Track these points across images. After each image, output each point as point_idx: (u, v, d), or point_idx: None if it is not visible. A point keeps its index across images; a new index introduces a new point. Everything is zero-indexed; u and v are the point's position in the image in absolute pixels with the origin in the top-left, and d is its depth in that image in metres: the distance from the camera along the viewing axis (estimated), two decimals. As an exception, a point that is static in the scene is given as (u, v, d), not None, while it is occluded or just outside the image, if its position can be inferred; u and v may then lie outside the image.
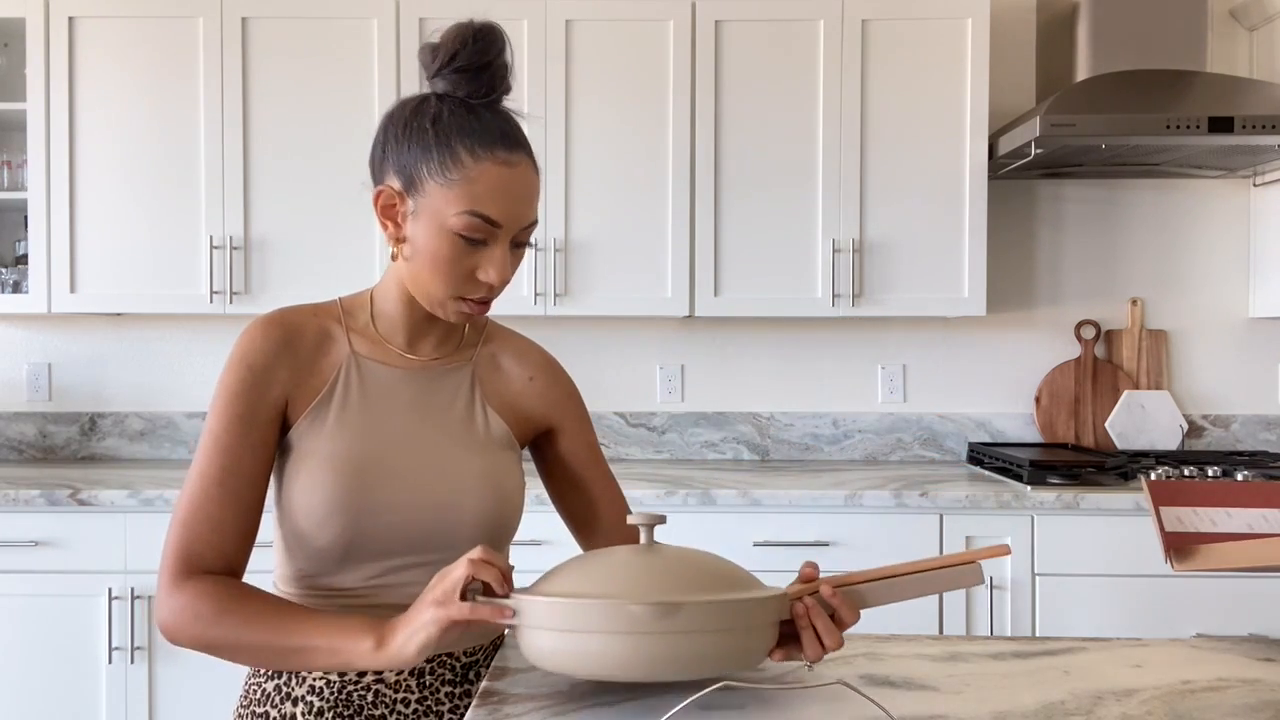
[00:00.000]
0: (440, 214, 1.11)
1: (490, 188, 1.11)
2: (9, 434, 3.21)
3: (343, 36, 2.84)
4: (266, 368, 1.17)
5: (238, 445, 1.14)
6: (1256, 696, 1.07)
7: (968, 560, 1.07)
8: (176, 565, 1.12)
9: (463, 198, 1.10)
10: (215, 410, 1.16)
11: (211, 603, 1.10)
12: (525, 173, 1.14)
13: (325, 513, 1.15)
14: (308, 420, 1.18)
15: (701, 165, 2.86)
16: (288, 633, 1.08)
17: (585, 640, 0.93)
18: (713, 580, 0.99)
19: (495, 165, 1.11)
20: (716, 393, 3.23)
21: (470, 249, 1.12)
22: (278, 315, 1.21)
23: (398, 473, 1.17)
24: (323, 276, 2.85)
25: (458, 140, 1.11)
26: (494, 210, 1.11)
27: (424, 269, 1.14)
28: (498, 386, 1.28)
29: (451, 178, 1.11)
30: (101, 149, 2.86)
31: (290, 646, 1.08)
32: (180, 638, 1.11)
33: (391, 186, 1.15)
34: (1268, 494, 1.15)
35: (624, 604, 0.92)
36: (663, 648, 0.92)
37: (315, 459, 1.16)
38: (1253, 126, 2.60)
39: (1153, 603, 2.55)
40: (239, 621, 1.09)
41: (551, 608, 0.95)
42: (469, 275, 1.14)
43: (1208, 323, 3.21)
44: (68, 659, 2.59)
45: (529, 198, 1.14)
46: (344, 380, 1.20)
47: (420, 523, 1.17)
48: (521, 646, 1.01)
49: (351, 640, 1.06)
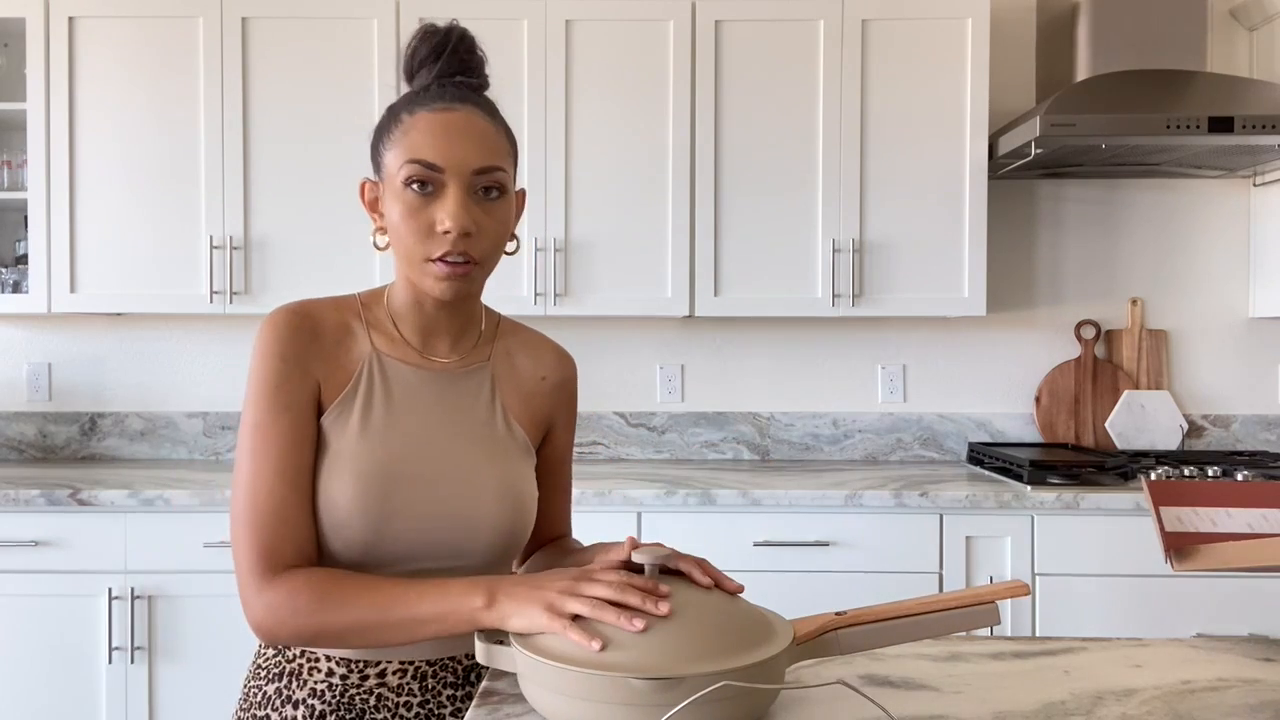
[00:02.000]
0: (393, 178, 1.14)
1: (424, 133, 1.13)
2: (9, 434, 3.21)
3: (343, 36, 2.84)
4: (299, 357, 1.16)
5: (288, 437, 1.13)
6: (1256, 696, 1.07)
7: (985, 600, 1.04)
8: (260, 565, 1.11)
9: (403, 150, 1.13)
10: (256, 405, 1.14)
11: (309, 593, 1.09)
12: (466, 116, 1.14)
13: (345, 515, 1.14)
14: (334, 414, 1.17)
15: (701, 165, 2.86)
16: (393, 608, 1.08)
17: (587, 706, 0.93)
18: (718, 631, 0.97)
19: (430, 114, 1.14)
20: (716, 393, 3.23)
21: (424, 201, 1.13)
22: (299, 306, 1.20)
23: (419, 480, 1.16)
24: (323, 276, 2.85)
25: (402, 108, 1.16)
26: (430, 154, 1.12)
27: (396, 239, 1.16)
28: (515, 387, 1.28)
29: (394, 138, 1.14)
30: (101, 149, 2.86)
31: (398, 620, 1.08)
32: (281, 633, 1.11)
33: (370, 179, 1.21)
34: (1268, 494, 1.15)
35: (626, 678, 0.91)
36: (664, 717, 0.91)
37: (339, 459, 1.15)
38: (1253, 126, 2.60)
39: (1153, 603, 2.55)
40: (341, 606, 1.08)
41: (553, 672, 0.94)
42: (429, 230, 1.13)
43: (1208, 323, 3.21)
44: (68, 659, 2.59)
45: (470, 138, 1.14)
46: (367, 377, 1.19)
47: (438, 530, 1.17)
48: (524, 691, 1.00)
49: (461, 600, 1.05)
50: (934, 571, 2.59)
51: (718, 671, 0.91)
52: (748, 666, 0.93)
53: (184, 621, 2.59)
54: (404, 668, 1.19)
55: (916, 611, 1.05)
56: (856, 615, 1.05)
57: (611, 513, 2.59)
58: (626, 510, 2.59)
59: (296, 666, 1.19)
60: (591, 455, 3.21)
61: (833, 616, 1.05)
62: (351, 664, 1.18)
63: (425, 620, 1.07)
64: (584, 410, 3.20)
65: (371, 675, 1.18)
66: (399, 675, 1.18)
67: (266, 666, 1.21)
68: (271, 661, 1.21)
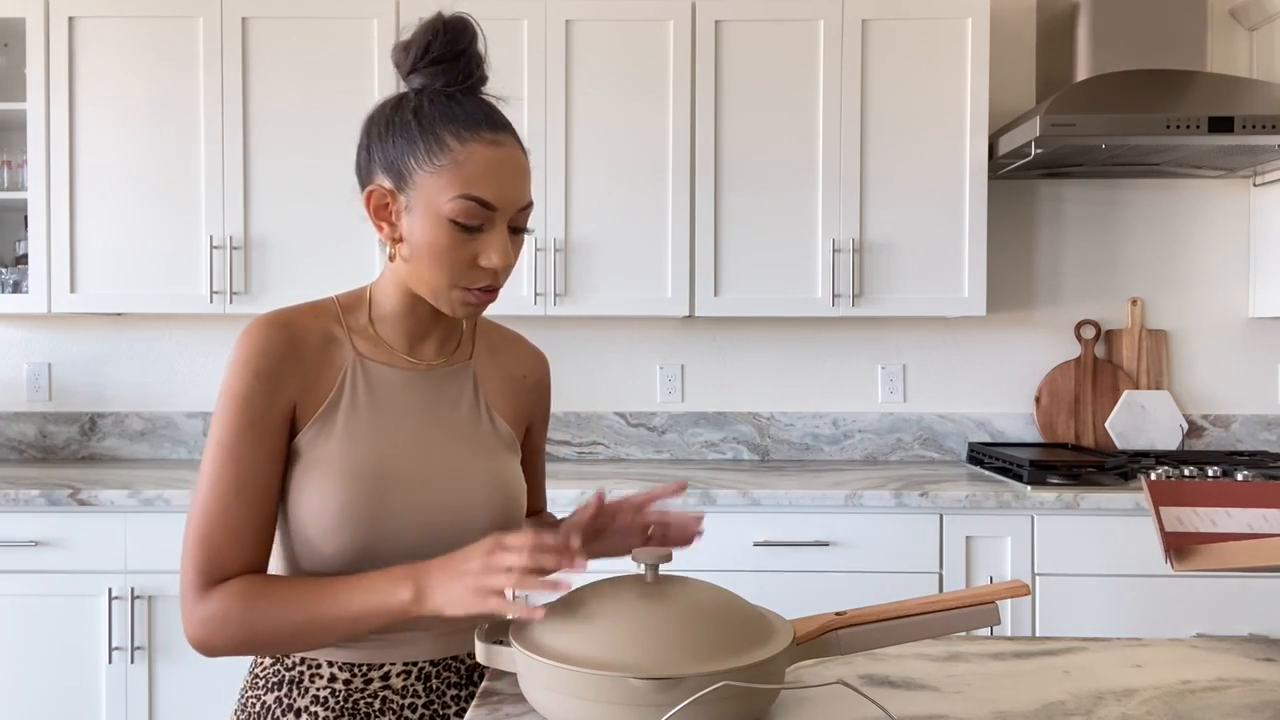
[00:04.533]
0: (433, 203, 1.10)
1: (480, 169, 1.09)
2: (9, 434, 3.21)
3: (343, 36, 2.84)
4: (273, 373, 1.13)
5: (250, 454, 1.12)
6: (1256, 696, 1.07)
7: (985, 600, 1.04)
8: (200, 579, 1.10)
9: (454, 182, 1.09)
10: (223, 419, 1.12)
11: (240, 601, 1.08)
12: (514, 153, 1.13)
13: (337, 521, 1.12)
14: (315, 426, 1.15)
15: (701, 165, 2.86)
16: (325, 606, 1.07)
17: (587, 706, 0.93)
18: (718, 630, 0.97)
19: (482, 146, 1.10)
20: (716, 393, 3.23)
21: (468, 236, 1.11)
22: (278, 318, 1.17)
23: (409, 480, 1.16)
24: (323, 276, 2.85)
25: (442, 126, 1.10)
26: (487, 192, 1.10)
27: (424, 263, 1.12)
28: (498, 384, 1.28)
29: (440, 164, 1.09)
30: (101, 149, 2.86)
31: (332, 619, 1.08)
32: (216, 644, 1.09)
33: (382, 185, 1.13)
34: (1268, 494, 1.15)
35: (626, 678, 0.91)
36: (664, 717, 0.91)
37: (325, 466, 1.13)
38: (1253, 126, 2.60)
39: (1153, 603, 2.55)
40: (272, 611, 1.08)
41: (553, 672, 0.94)
42: (470, 263, 1.12)
43: (1208, 323, 3.21)
44: (68, 659, 2.59)
45: (520, 177, 1.13)
46: (350, 384, 1.17)
47: (431, 529, 1.16)
48: (523, 690, 1.00)
49: (388, 596, 1.06)
50: (934, 571, 2.59)
51: (718, 671, 0.91)
52: (748, 666, 0.93)
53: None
54: (408, 669, 1.18)
55: (916, 612, 1.05)
56: (856, 615, 1.05)
57: (611, 513, 2.58)
58: (626, 510, 2.59)
59: (297, 674, 1.17)
60: (591, 455, 3.21)
61: (833, 616, 1.05)
62: (355, 668, 1.17)
63: (358, 617, 1.08)
64: (584, 410, 3.20)
65: (375, 678, 1.17)
66: (403, 677, 1.18)
67: (264, 676, 1.20)
68: (270, 670, 1.19)
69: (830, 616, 1.05)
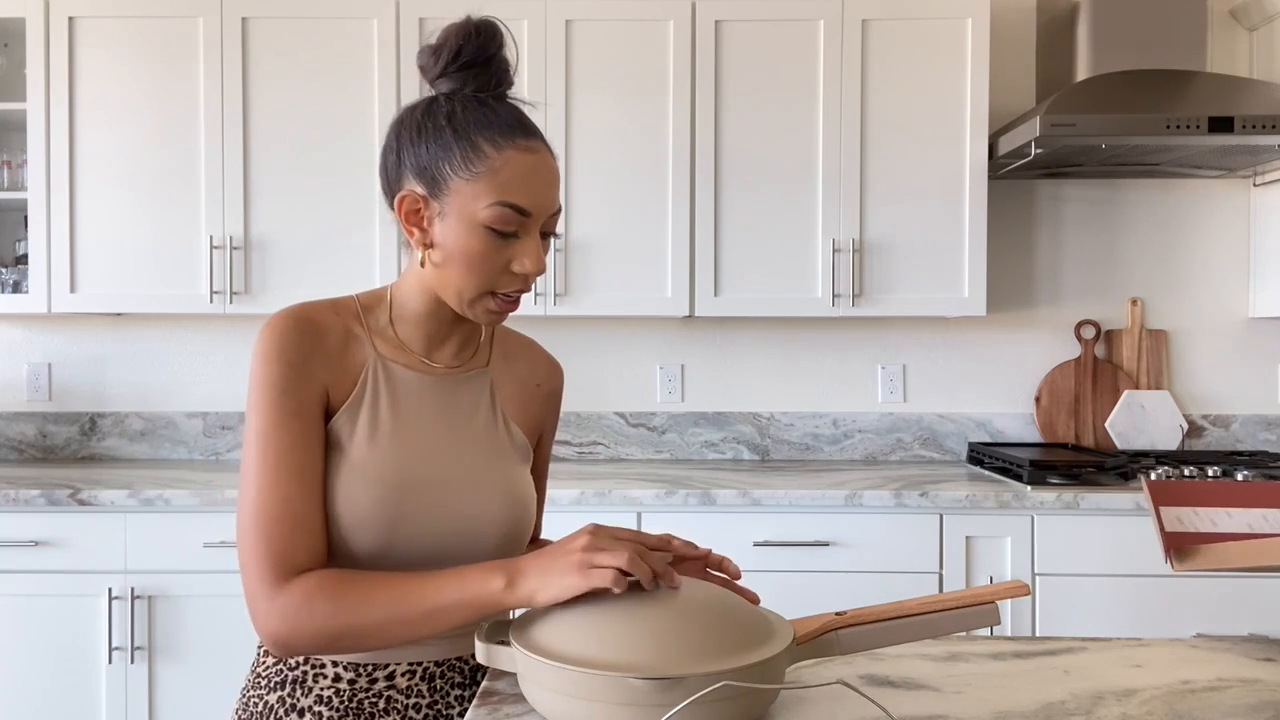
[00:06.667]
0: (468, 209, 1.10)
1: (516, 176, 1.10)
2: (9, 434, 3.21)
3: (343, 36, 2.84)
4: (304, 363, 1.13)
5: (301, 441, 1.11)
6: (1256, 696, 1.07)
7: (985, 600, 1.04)
8: (272, 572, 1.08)
9: (490, 189, 1.09)
10: (263, 411, 1.11)
11: (326, 595, 1.07)
12: (546, 158, 1.13)
13: (357, 522, 1.12)
14: (342, 418, 1.15)
15: (701, 165, 2.86)
16: (413, 600, 1.06)
17: (587, 706, 0.92)
18: (718, 630, 0.97)
19: (518, 153, 1.10)
20: (716, 393, 3.23)
21: (502, 242, 1.11)
22: (300, 310, 1.16)
23: (429, 486, 1.15)
24: (323, 276, 2.85)
25: (477, 133, 1.10)
26: (523, 198, 1.10)
27: (457, 269, 1.12)
28: (513, 391, 1.28)
29: (476, 171, 1.09)
30: (101, 149, 2.86)
31: (421, 611, 1.06)
32: (299, 638, 1.07)
33: (414, 190, 1.13)
34: (1268, 494, 1.15)
35: (626, 678, 0.91)
36: (664, 717, 0.91)
37: (348, 466, 1.13)
38: (1253, 126, 2.60)
39: (1153, 603, 2.55)
40: (360, 605, 1.06)
41: (553, 672, 0.94)
42: (504, 269, 1.12)
43: (1208, 323, 3.21)
44: (68, 659, 2.59)
45: (553, 183, 1.14)
46: (372, 383, 1.17)
47: (447, 534, 1.16)
48: (523, 690, 1.00)
49: (481, 585, 1.05)
50: (934, 571, 2.59)
51: (718, 671, 0.91)
52: (748, 666, 0.93)
53: (184, 621, 2.59)
54: (412, 669, 1.18)
55: (916, 612, 1.05)
56: (856, 615, 1.05)
57: (611, 513, 2.59)
58: (626, 510, 2.59)
59: (300, 674, 1.17)
60: (591, 455, 3.21)
61: (833, 616, 1.05)
62: (359, 668, 1.16)
63: (447, 609, 1.05)
64: (584, 410, 3.20)
65: (380, 678, 1.17)
66: (408, 677, 1.17)
67: (267, 675, 1.19)
68: (272, 670, 1.19)
69: (830, 616, 1.05)
